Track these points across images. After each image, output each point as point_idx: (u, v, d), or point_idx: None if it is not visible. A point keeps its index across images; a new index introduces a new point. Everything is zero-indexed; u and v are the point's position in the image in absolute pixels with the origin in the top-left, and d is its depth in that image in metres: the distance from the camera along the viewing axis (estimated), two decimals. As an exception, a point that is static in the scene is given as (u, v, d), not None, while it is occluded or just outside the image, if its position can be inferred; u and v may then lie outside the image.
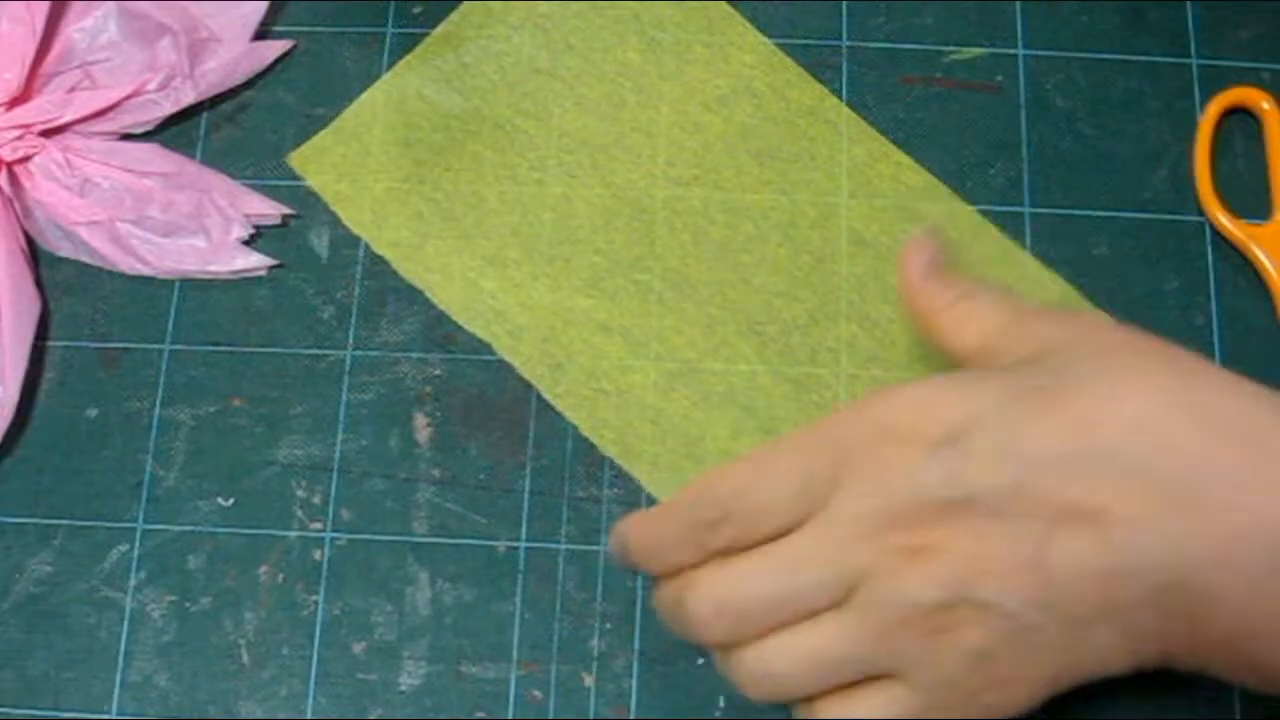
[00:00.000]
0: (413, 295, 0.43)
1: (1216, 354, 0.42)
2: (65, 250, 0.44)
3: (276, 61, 0.46)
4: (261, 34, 0.46)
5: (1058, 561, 0.28)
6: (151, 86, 0.44)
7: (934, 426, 0.29)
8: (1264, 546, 0.27)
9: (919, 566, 0.29)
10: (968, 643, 0.29)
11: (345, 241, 0.44)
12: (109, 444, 0.42)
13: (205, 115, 0.46)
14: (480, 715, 0.39)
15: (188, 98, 0.44)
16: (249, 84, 0.46)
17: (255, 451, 0.42)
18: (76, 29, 0.45)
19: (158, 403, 0.43)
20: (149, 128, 0.45)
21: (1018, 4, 0.46)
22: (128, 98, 0.44)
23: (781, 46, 0.46)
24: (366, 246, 0.44)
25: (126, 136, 0.45)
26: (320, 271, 0.44)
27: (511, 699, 0.39)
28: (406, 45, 0.46)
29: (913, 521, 0.29)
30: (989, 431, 0.28)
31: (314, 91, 0.46)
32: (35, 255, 0.44)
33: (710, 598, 0.31)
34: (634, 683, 0.39)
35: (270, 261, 0.43)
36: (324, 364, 0.43)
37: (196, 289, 0.44)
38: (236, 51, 0.45)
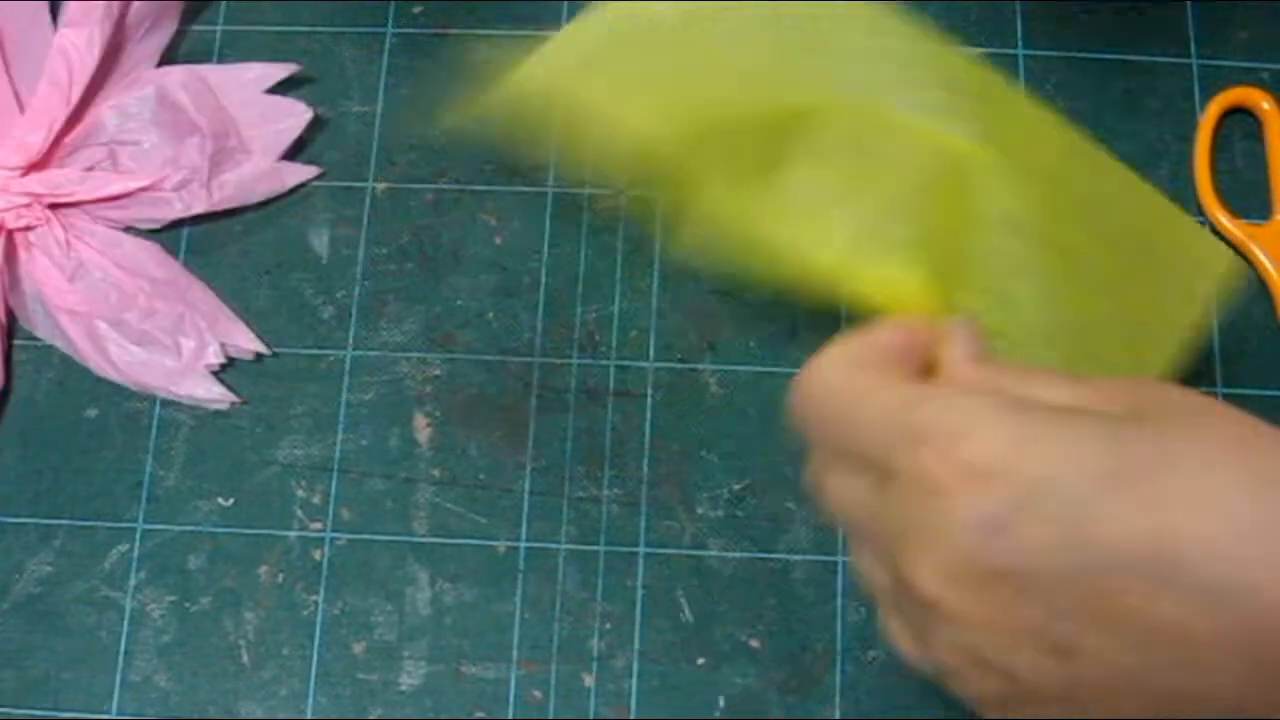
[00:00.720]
0: (413, 295, 0.43)
1: (1216, 354, 0.42)
2: (41, 331, 0.43)
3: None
4: (290, 153, 0.45)
5: (1089, 659, 0.26)
6: (168, 185, 0.43)
7: (1011, 477, 0.26)
8: None
9: (933, 616, 0.27)
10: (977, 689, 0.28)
11: (345, 241, 0.44)
12: (109, 444, 0.42)
13: (205, 115, 0.46)
14: (480, 715, 0.39)
15: (199, 205, 0.43)
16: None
17: (255, 451, 0.42)
18: (111, 106, 0.44)
19: (158, 403, 0.43)
20: (155, 226, 0.44)
21: (1018, 4, 0.46)
22: (143, 190, 0.43)
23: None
24: (366, 246, 0.44)
25: (129, 229, 0.44)
26: (320, 271, 0.44)
27: (511, 699, 0.39)
28: (406, 45, 0.46)
29: (934, 566, 0.27)
30: (1063, 504, 0.25)
31: (314, 91, 0.46)
32: (12, 330, 0.43)
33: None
34: (634, 683, 0.39)
35: (232, 397, 0.42)
36: (324, 364, 0.43)
37: (196, 289, 0.44)
38: (260, 168, 0.44)
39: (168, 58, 0.46)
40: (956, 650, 0.27)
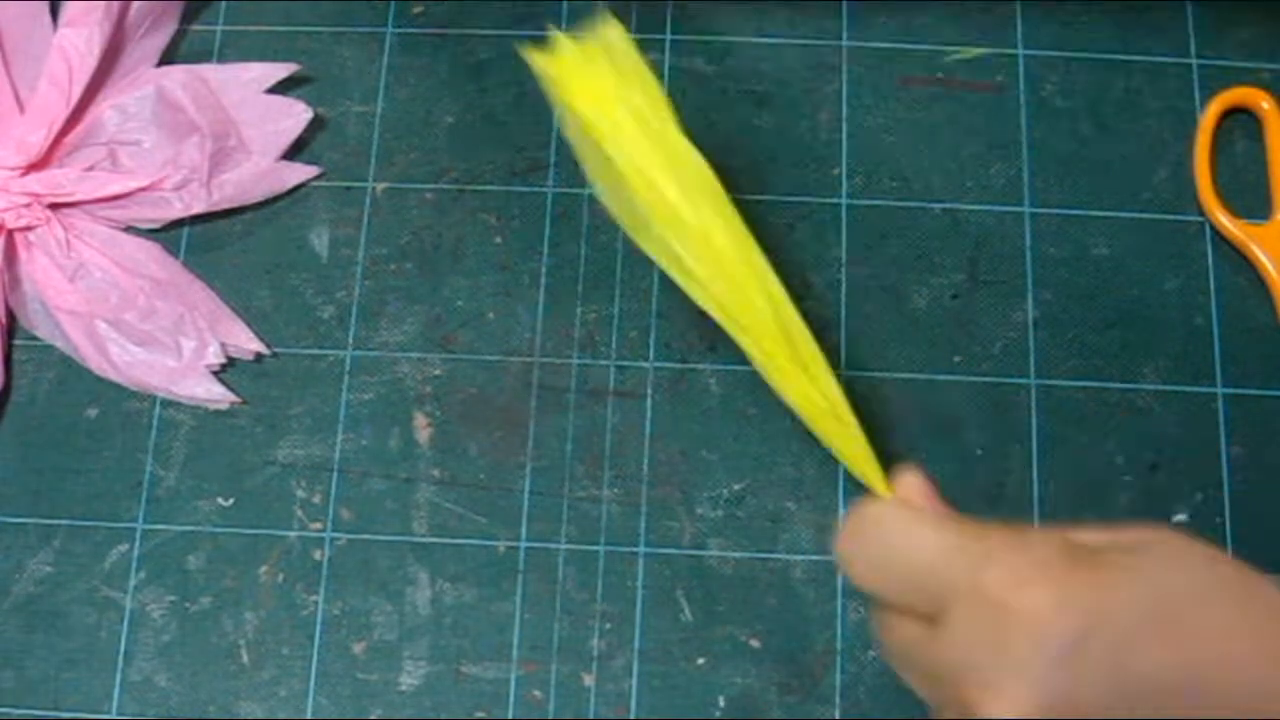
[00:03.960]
0: (413, 295, 0.43)
1: (1216, 354, 0.42)
2: (41, 331, 0.43)
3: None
4: (290, 153, 0.45)
5: None
6: (168, 185, 0.43)
7: (1059, 620, 0.28)
8: None
9: None
10: None
11: (345, 241, 0.44)
12: (109, 444, 0.42)
13: (205, 115, 0.46)
14: (480, 715, 0.39)
15: (199, 204, 0.43)
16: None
17: (255, 451, 0.42)
18: (112, 105, 0.44)
19: (158, 403, 0.43)
20: (155, 226, 0.44)
21: (1018, 4, 0.46)
22: (143, 190, 0.43)
23: (781, 46, 0.46)
24: (366, 246, 0.44)
25: (129, 229, 0.44)
26: (320, 271, 0.44)
27: (511, 699, 0.39)
28: (406, 45, 0.46)
29: (1001, 702, 0.28)
30: (1110, 643, 0.28)
31: (314, 91, 0.46)
32: (12, 330, 0.43)
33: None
34: (634, 683, 0.39)
35: (232, 397, 0.42)
36: (324, 364, 0.43)
37: (196, 289, 0.44)
38: (260, 168, 0.44)
39: (168, 58, 0.46)
40: None
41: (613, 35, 0.36)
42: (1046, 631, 0.28)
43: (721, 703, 0.39)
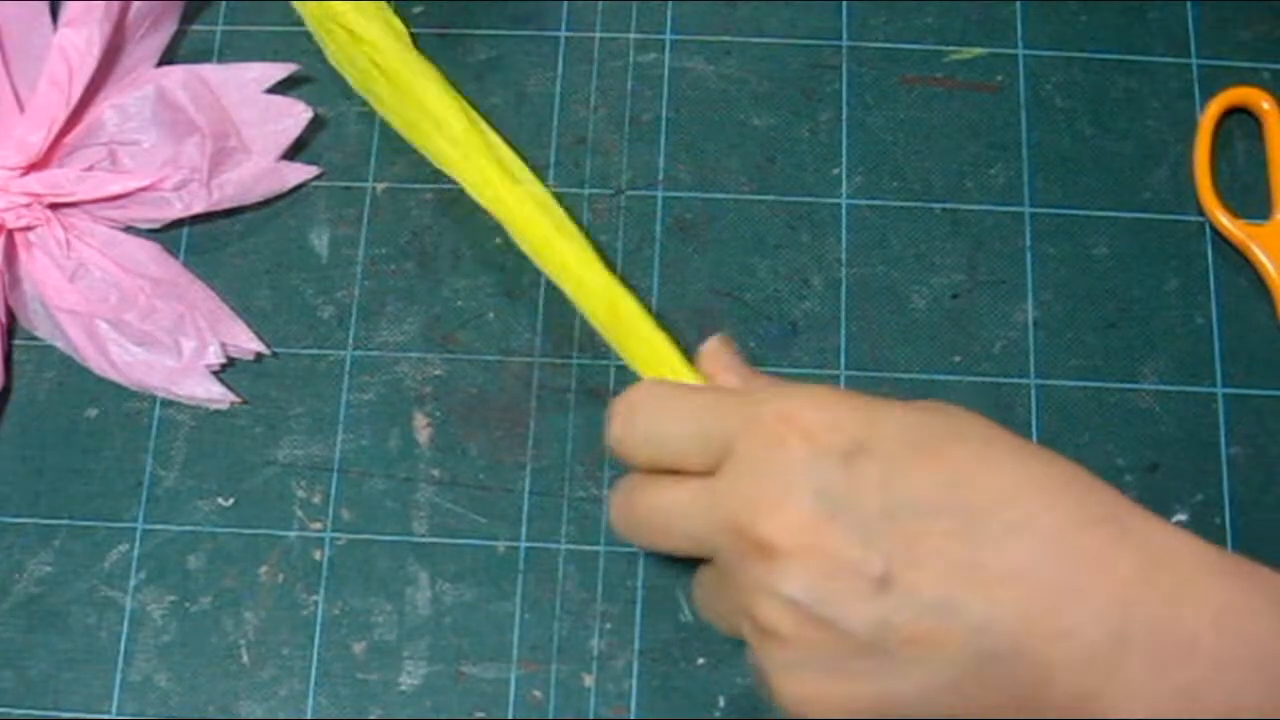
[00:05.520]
0: (413, 295, 0.43)
1: (1216, 354, 0.42)
2: (41, 331, 0.43)
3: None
4: (290, 153, 0.45)
5: (901, 593, 0.29)
6: (168, 185, 0.43)
7: (832, 435, 0.30)
8: (1107, 628, 0.28)
9: (775, 567, 0.30)
10: (788, 652, 0.30)
11: (345, 241, 0.44)
12: (109, 444, 0.42)
13: (205, 115, 0.46)
14: (480, 715, 0.39)
15: (199, 204, 0.43)
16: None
17: (255, 451, 0.42)
18: (111, 105, 0.44)
19: (158, 403, 0.43)
20: (155, 226, 0.44)
21: (1018, 4, 0.46)
22: (143, 190, 0.43)
23: (781, 46, 0.46)
24: (366, 246, 0.44)
25: (129, 229, 0.44)
26: (320, 271, 0.44)
27: (511, 699, 0.39)
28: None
29: (781, 514, 0.30)
30: (879, 461, 0.30)
31: (314, 91, 0.46)
32: (12, 330, 0.43)
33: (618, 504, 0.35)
34: (634, 683, 0.39)
35: (232, 397, 0.42)
36: (324, 364, 0.43)
37: (196, 289, 0.44)
38: (260, 168, 0.44)
39: (168, 58, 0.46)
40: (786, 605, 0.30)
41: None
42: (823, 444, 0.30)
43: (721, 703, 0.39)
